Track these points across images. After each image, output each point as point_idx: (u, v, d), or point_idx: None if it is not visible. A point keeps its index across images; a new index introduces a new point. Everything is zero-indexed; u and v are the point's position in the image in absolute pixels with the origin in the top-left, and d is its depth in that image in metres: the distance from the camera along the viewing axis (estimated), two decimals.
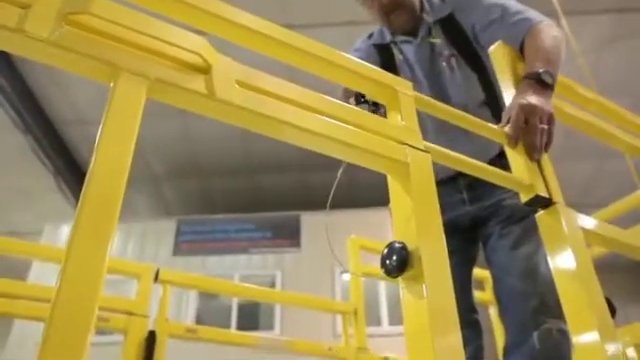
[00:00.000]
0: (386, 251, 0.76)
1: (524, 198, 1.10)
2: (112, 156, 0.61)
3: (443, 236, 0.80)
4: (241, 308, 8.02)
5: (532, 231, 1.33)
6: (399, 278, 0.76)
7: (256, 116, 0.76)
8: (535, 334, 1.32)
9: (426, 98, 1.05)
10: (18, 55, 0.66)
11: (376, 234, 6.06)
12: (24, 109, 6.74)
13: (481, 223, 1.61)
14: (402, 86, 0.99)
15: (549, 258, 1.07)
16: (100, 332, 0.60)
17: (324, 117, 0.83)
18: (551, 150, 1.23)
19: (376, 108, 1.15)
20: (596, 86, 3.25)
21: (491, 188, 1.39)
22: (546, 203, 1.10)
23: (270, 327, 7.82)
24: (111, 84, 0.66)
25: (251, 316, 8.10)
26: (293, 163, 8.43)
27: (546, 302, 1.33)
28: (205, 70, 0.74)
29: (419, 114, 0.99)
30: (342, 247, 2.68)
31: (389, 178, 0.88)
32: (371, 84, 0.99)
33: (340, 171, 1.09)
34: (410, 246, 0.76)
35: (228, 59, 0.78)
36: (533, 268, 1.40)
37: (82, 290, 0.51)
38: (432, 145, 0.94)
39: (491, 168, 1.07)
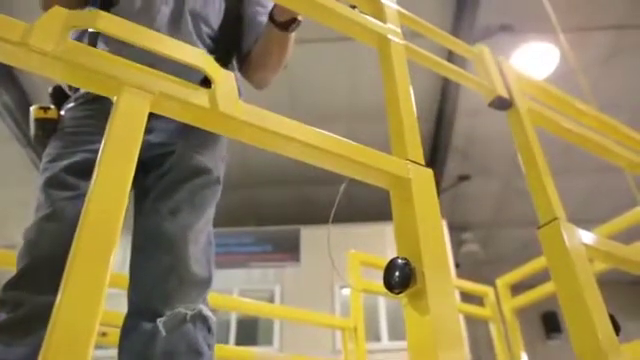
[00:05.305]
0: (389, 267, 0.75)
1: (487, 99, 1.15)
2: (115, 170, 0.61)
3: (446, 252, 0.80)
4: (240, 323, 7.96)
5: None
6: (402, 294, 0.75)
7: (259, 131, 0.76)
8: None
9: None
10: (19, 68, 0.66)
11: (374, 249, 6.05)
12: (23, 121, 6.75)
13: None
14: None
15: (551, 273, 1.06)
16: (97, 346, 0.59)
17: (327, 132, 0.83)
18: (550, 165, 1.22)
19: None
20: (595, 101, 3.26)
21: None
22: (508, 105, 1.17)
23: (269, 342, 7.75)
24: (114, 98, 0.66)
25: (250, 331, 8.03)
26: (293, 177, 8.42)
27: None
28: (208, 84, 0.74)
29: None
30: (341, 262, 2.67)
31: (391, 194, 0.88)
32: None
33: (342, 187, 1.08)
34: (413, 262, 0.75)
35: (231, 73, 0.78)
36: None
37: (83, 308, 0.50)
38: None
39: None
